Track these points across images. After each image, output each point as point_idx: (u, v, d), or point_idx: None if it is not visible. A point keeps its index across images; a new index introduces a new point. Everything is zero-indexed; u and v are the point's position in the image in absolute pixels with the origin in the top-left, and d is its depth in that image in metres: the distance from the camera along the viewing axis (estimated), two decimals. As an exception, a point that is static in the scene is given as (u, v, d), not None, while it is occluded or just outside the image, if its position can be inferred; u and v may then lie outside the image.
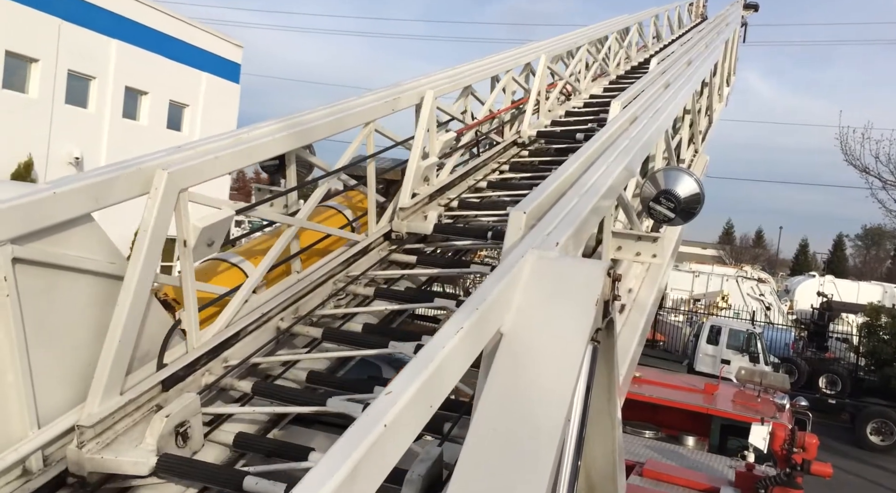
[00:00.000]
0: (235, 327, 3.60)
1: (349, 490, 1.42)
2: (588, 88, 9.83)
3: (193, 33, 29.35)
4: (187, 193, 3.22)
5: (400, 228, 4.95)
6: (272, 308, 3.86)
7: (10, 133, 22.11)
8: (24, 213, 2.65)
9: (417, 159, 5.11)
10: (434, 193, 5.47)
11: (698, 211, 4.10)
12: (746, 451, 10.24)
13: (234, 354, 3.56)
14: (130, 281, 2.95)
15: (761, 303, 33.95)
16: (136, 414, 2.99)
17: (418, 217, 5.11)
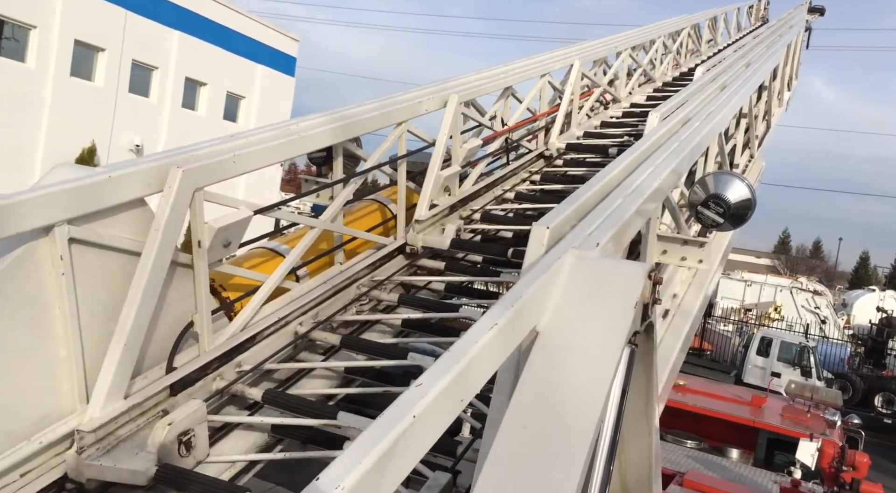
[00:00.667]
0: (251, 330, 3.48)
1: (376, 479, 1.43)
2: (630, 96, 9.30)
3: (251, 26, 29.99)
4: (203, 192, 3.11)
5: (415, 241, 4.62)
6: (292, 311, 3.74)
7: (76, 120, 23.00)
8: (82, 195, 2.75)
9: (437, 168, 4.77)
10: (456, 204, 5.11)
11: (749, 217, 4.00)
12: (793, 467, 9.96)
13: (248, 358, 3.45)
14: (139, 281, 2.87)
15: (816, 316, 32.93)
16: (141, 419, 2.91)
17: (436, 230, 4.78)
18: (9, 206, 2.50)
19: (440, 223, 4.86)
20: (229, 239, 3.29)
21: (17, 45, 22.18)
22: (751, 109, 7.41)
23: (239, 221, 3.30)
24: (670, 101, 4.94)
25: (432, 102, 4.74)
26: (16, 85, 21.75)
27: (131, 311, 2.85)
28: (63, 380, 2.80)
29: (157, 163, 3.05)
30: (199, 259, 3.14)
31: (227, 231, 3.23)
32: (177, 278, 3.14)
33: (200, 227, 3.12)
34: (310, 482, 1.38)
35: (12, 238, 2.55)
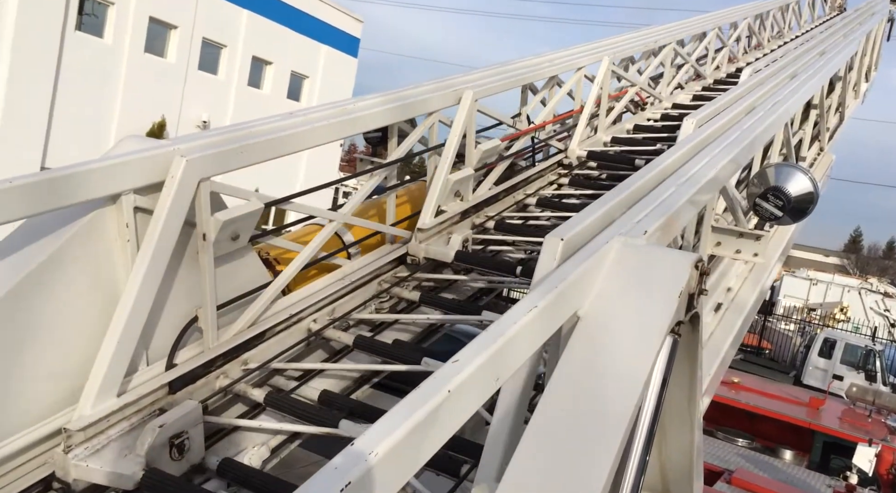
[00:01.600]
0: (260, 326, 3.34)
1: (408, 449, 1.48)
2: (673, 96, 8.34)
3: (317, 6, 30.34)
4: (209, 182, 2.97)
5: (416, 251, 4.20)
6: (306, 307, 3.58)
7: (149, 95, 23.84)
8: (148, 165, 2.86)
9: (446, 171, 4.33)
10: (469, 210, 4.66)
11: (810, 211, 3.87)
12: (849, 471, 9.67)
13: (255, 356, 3.30)
14: (137, 272, 2.75)
15: (886, 319, 31.58)
16: (135, 418, 2.77)
17: (441, 239, 4.36)
18: (79, 174, 2.59)
19: (448, 232, 4.43)
20: (238, 232, 3.15)
21: (95, 21, 23.08)
22: (822, 99, 7.11)
23: (248, 214, 3.15)
24: (709, 106, 4.41)
25: (444, 98, 4.35)
26: (94, 60, 22.66)
27: (127, 303, 2.72)
28: None
29: (222, 136, 3.14)
30: (204, 253, 3.02)
31: (234, 224, 3.09)
32: (189, 270, 3.04)
33: (206, 219, 2.98)
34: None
35: (83, 205, 2.67)
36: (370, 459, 1.38)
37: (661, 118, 7.54)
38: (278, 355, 3.38)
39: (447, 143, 4.37)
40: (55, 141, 21.85)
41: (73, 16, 21.99)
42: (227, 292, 3.21)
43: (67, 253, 2.67)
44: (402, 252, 4.22)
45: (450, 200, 4.48)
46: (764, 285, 4.82)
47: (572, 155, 5.99)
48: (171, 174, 2.83)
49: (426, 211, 4.29)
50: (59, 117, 21.88)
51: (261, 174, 3.41)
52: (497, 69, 4.97)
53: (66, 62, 21.81)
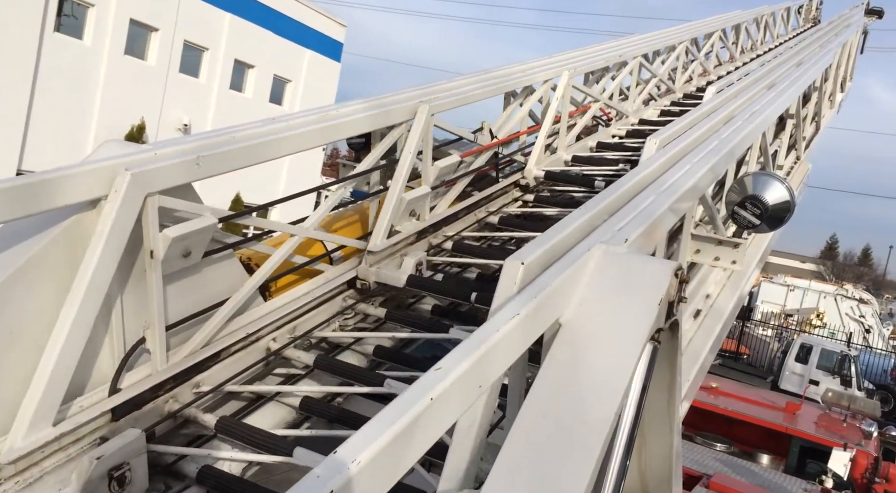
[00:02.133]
0: (215, 346, 3.17)
1: (391, 457, 1.49)
2: (639, 111, 7.99)
3: (300, 10, 30.29)
4: (157, 197, 2.81)
5: (366, 276, 3.93)
6: (266, 325, 3.42)
7: (128, 97, 23.62)
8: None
9: (399, 190, 4.06)
10: (427, 229, 4.42)
11: (787, 220, 3.93)
12: (825, 476, 9.80)
13: (208, 378, 3.13)
14: (76, 293, 2.58)
15: (860, 325, 32.07)
16: (73, 449, 2.59)
17: (394, 263, 4.11)
18: (58, 179, 2.55)
19: (402, 253, 4.18)
20: (189, 249, 2.99)
21: (75, 22, 22.84)
22: (798, 109, 7.23)
23: (200, 230, 2.99)
24: (671, 126, 4.19)
25: (399, 113, 4.12)
26: (73, 61, 22.42)
27: (65, 324, 2.55)
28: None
29: (200, 143, 3.13)
30: (151, 271, 2.86)
31: (185, 240, 2.93)
32: (138, 289, 2.89)
33: (153, 236, 2.83)
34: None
35: (60, 210, 2.63)
36: (352, 467, 1.38)
37: (626, 135, 7.25)
38: (234, 377, 3.23)
39: (400, 159, 4.13)
40: (32, 144, 21.56)
41: (51, 17, 21.75)
42: (180, 310, 3.07)
43: (44, 259, 2.61)
44: (352, 275, 3.94)
45: (404, 220, 4.22)
46: (742, 292, 4.88)
47: (529, 175, 5.67)
48: (115, 189, 2.68)
49: (377, 232, 4.03)
50: (37, 120, 21.60)
51: (246, 179, 3.31)
52: (454, 83, 4.71)
53: (44, 64, 21.55)
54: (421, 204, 4.33)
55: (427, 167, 4.39)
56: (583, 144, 6.67)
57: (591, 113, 6.84)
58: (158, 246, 2.84)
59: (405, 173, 4.08)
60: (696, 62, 9.83)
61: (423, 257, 4.19)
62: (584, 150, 6.62)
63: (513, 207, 5.43)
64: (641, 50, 7.84)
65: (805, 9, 15.74)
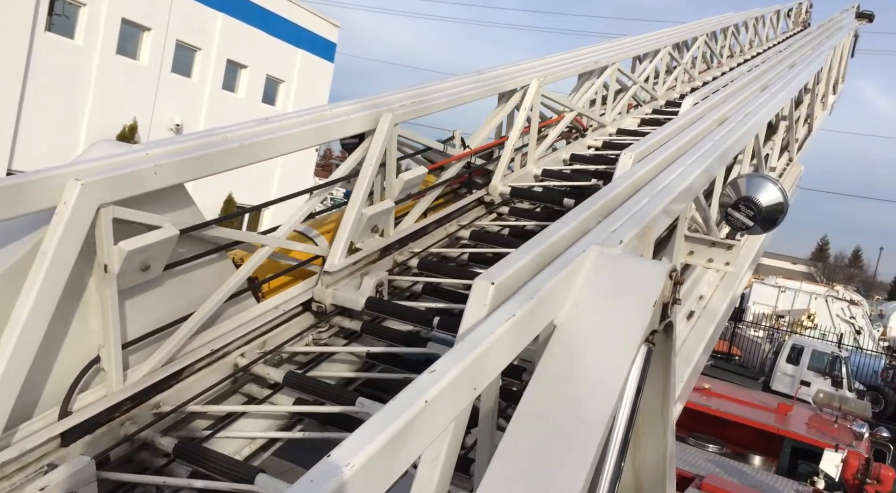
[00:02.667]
0: (178, 363, 3.03)
1: (385, 460, 1.47)
2: (618, 120, 7.56)
3: (293, 10, 30.21)
4: (111, 208, 2.67)
5: (322, 297, 3.67)
6: (234, 339, 3.27)
7: (120, 97, 23.49)
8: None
9: (359, 205, 3.82)
10: (392, 245, 4.18)
11: (780, 221, 3.94)
12: (816, 477, 9.85)
13: (170, 398, 2.98)
14: (22, 309, 2.44)
15: (851, 326, 32.26)
16: (18, 477, 2.44)
17: (354, 283, 3.83)
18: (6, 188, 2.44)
19: (363, 273, 3.92)
20: (147, 262, 2.84)
21: (66, 22, 22.70)
22: (791, 111, 7.26)
23: (159, 242, 2.84)
24: (647, 139, 3.95)
25: (359, 122, 3.89)
26: (64, 61, 22.27)
27: (8, 344, 2.40)
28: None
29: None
30: (105, 286, 2.71)
31: (142, 254, 2.78)
32: (93, 304, 2.75)
33: (107, 249, 2.68)
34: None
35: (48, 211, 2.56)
36: (346, 471, 1.37)
37: (603, 146, 6.84)
38: (198, 396, 3.06)
39: (361, 172, 3.90)
40: (23, 144, 21.42)
41: (42, 16, 21.61)
42: (141, 326, 2.94)
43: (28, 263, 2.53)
44: (309, 296, 3.69)
45: (366, 237, 3.98)
46: (735, 293, 4.89)
47: (494, 191, 5.23)
48: (65, 200, 2.54)
49: (335, 250, 3.76)
50: (28, 119, 21.45)
51: (238, 179, 3.22)
52: (419, 91, 4.43)
53: (35, 63, 21.41)
54: (384, 219, 4.06)
55: (391, 180, 4.12)
56: (555, 157, 6.29)
57: (563, 123, 6.42)
58: (113, 260, 2.70)
59: (366, 186, 3.86)
60: (680, 68, 9.47)
61: (384, 276, 3.95)
62: (558, 162, 6.24)
63: (486, 221, 5.11)
64: (619, 56, 7.40)
65: (795, 12, 15.57)
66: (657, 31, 9.07)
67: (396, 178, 4.15)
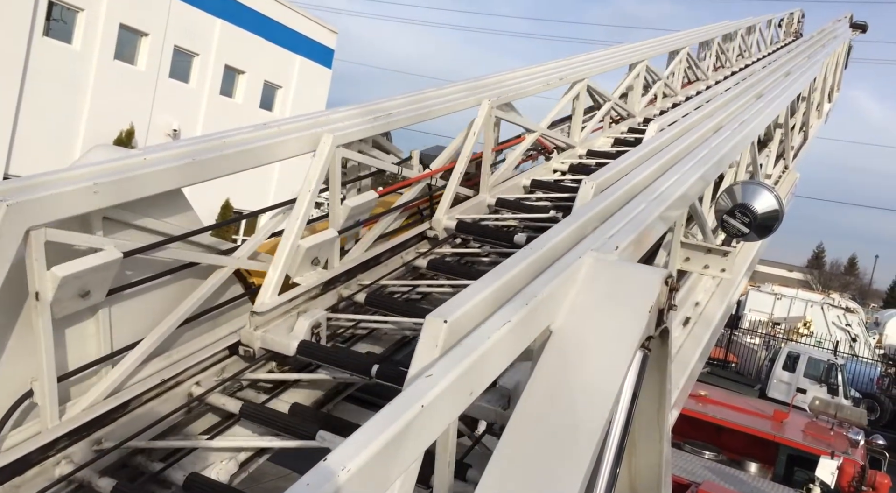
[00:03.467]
0: (124, 395, 2.80)
1: (381, 464, 1.48)
2: (588, 141, 6.79)
3: (291, 16, 30.29)
4: (43, 230, 2.45)
5: (251, 341, 3.24)
6: (189, 367, 3.06)
7: (117, 102, 23.49)
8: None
9: (294, 235, 3.42)
10: (340, 276, 3.77)
11: (775, 228, 3.96)
12: (812, 484, 9.85)
13: (113, 433, 2.74)
14: None
15: (847, 333, 32.25)
16: None
17: (287, 324, 3.39)
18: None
19: (301, 310, 3.49)
20: (86, 288, 2.61)
21: (64, 27, 22.71)
22: (787, 119, 7.29)
23: (99, 267, 2.60)
24: (610, 167, 3.61)
25: (298, 143, 3.55)
26: (62, 66, 22.27)
27: None
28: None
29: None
30: (38, 315, 2.49)
31: (80, 279, 2.54)
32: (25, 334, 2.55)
33: (38, 275, 2.47)
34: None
35: None
36: (342, 475, 1.37)
37: (569, 169, 6.20)
38: (145, 430, 2.82)
39: (298, 199, 3.51)
40: (20, 148, 21.39)
41: (40, 21, 21.62)
42: (80, 356, 2.73)
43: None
44: (236, 339, 3.31)
45: (305, 269, 3.56)
46: (731, 300, 4.91)
47: (437, 226, 4.57)
48: None
49: (266, 287, 3.34)
50: (25, 124, 21.43)
51: (235, 184, 3.11)
52: (365, 109, 4.08)
53: (32, 68, 21.41)
54: (326, 250, 3.67)
55: (335, 206, 3.75)
56: (514, 183, 5.61)
57: (524, 146, 5.78)
58: (46, 287, 2.48)
59: (303, 215, 3.46)
60: (660, 82, 8.74)
61: (322, 316, 3.49)
62: (516, 190, 5.58)
63: (446, 247, 4.61)
64: (589, 71, 6.68)
65: (786, 22, 15.29)
66: (635, 43, 8.46)
67: (341, 204, 3.80)
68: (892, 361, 29.51)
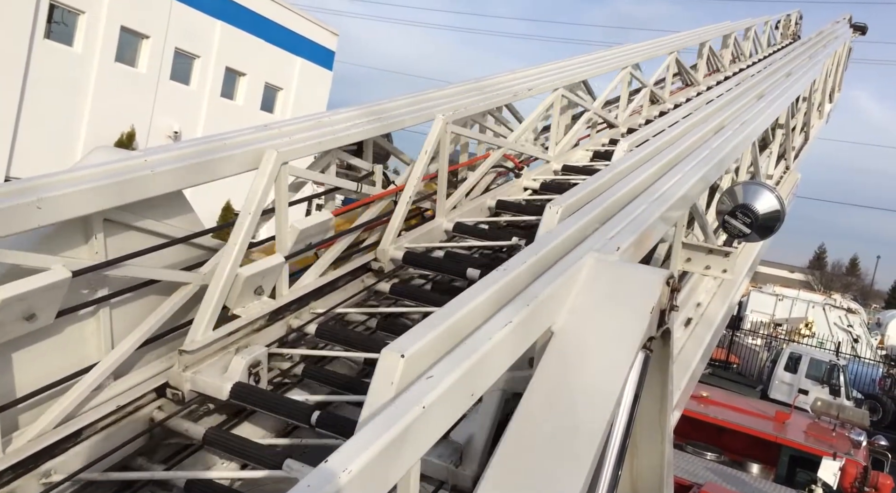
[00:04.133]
0: (76, 423, 2.62)
1: (383, 465, 1.47)
2: (563, 155, 6.18)
3: (292, 18, 30.34)
4: None
5: (179, 382, 2.89)
6: (150, 391, 2.87)
7: (118, 104, 23.53)
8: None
9: (232, 264, 3.04)
10: (291, 304, 3.44)
11: (777, 229, 3.96)
12: (815, 485, 9.84)
13: (64, 464, 2.55)
14: None
15: (849, 334, 32.21)
16: None
17: (223, 362, 3.03)
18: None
19: (241, 346, 3.14)
20: (31, 310, 2.42)
21: (65, 29, 22.75)
22: (787, 119, 7.28)
23: (45, 287, 2.42)
24: (579, 189, 3.15)
25: (240, 160, 3.19)
26: (63, 69, 22.31)
27: None
28: None
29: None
30: None
31: (24, 301, 2.37)
32: None
33: None
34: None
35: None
36: (343, 477, 1.36)
37: (541, 187, 5.57)
38: (100, 459, 2.61)
39: (237, 221, 3.13)
40: (21, 151, 21.42)
41: (41, 24, 21.66)
42: (28, 383, 2.56)
43: None
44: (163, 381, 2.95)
45: (247, 300, 3.18)
46: (732, 301, 4.90)
47: (383, 256, 4.04)
48: None
49: (198, 322, 2.96)
50: (26, 126, 21.47)
51: (236, 185, 3.04)
52: (317, 121, 3.75)
53: (33, 71, 21.45)
54: (272, 278, 3.31)
55: (281, 230, 3.41)
56: (478, 205, 5.00)
57: (488, 164, 5.18)
58: None
59: (241, 241, 3.07)
60: (646, 90, 8.16)
61: (262, 353, 3.10)
62: (481, 211, 5.00)
63: (437, 254, 4.26)
64: (564, 79, 6.04)
65: (783, 23, 14.79)
66: (620, 46, 7.92)
67: (290, 227, 3.45)
68: (893, 362, 29.47)
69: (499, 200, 5.12)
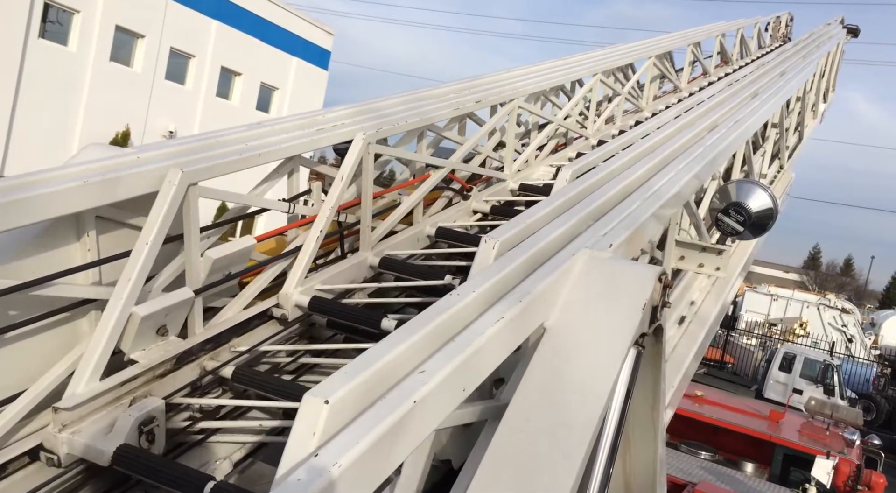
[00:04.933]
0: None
1: (373, 459, 1.47)
2: (523, 171, 5.64)
3: (288, 18, 30.31)
4: None
5: (55, 445, 2.44)
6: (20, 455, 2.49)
7: (113, 104, 23.47)
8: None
9: (126, 300, 2.62)
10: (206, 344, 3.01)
11: (770, 227, 3.98)
12: (808, 484, 9.88)
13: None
14: None
15: (843, 334, 32.34)
16: None
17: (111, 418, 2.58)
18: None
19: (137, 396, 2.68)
20: None
21: (60, 28, 22.69)
22: (781, 119, 7.31)
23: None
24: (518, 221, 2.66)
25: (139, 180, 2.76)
26: (58, 68, 22.25)
27: None
28: None
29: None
30: None
31: None
32: None
33: None
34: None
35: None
36: (334, 471, 1.36)
37: (491, 211, 4.94)
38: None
39: (133, 252, 2.70)
40: (15, 150, 21.36)
41: (36, 23, 21.59)
42: None
43: None
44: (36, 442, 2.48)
45: (147, 342, 2.74)
46: (726, 299, 4.91)
47: (286, 302, 3.38)
48: None
49: (81, 371, 2.52)
50: (21, 126, 21.40)
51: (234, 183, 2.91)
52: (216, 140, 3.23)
53: (28, 69, 21.38)
54: (175, 316, 2.83)
55: (191, 260, 2.94)
56: (413, 235, 4.36)
57: (428, 185, 4.48)
58: None
59: (136, 274, 2.64)
60: (620, 98, 7.58)
61: (157, 408, 2.63)
62: (416, 242, 4.37)
63: (359, 296, 3.73)
64: (523, 89, 5.45)
65: (773, 26, 14.33)
66: (585, 53, 7.29)
67: (202, 256, 3.01)
68: (887, 361, 29.60)
69: (439, 228, 4.45)
